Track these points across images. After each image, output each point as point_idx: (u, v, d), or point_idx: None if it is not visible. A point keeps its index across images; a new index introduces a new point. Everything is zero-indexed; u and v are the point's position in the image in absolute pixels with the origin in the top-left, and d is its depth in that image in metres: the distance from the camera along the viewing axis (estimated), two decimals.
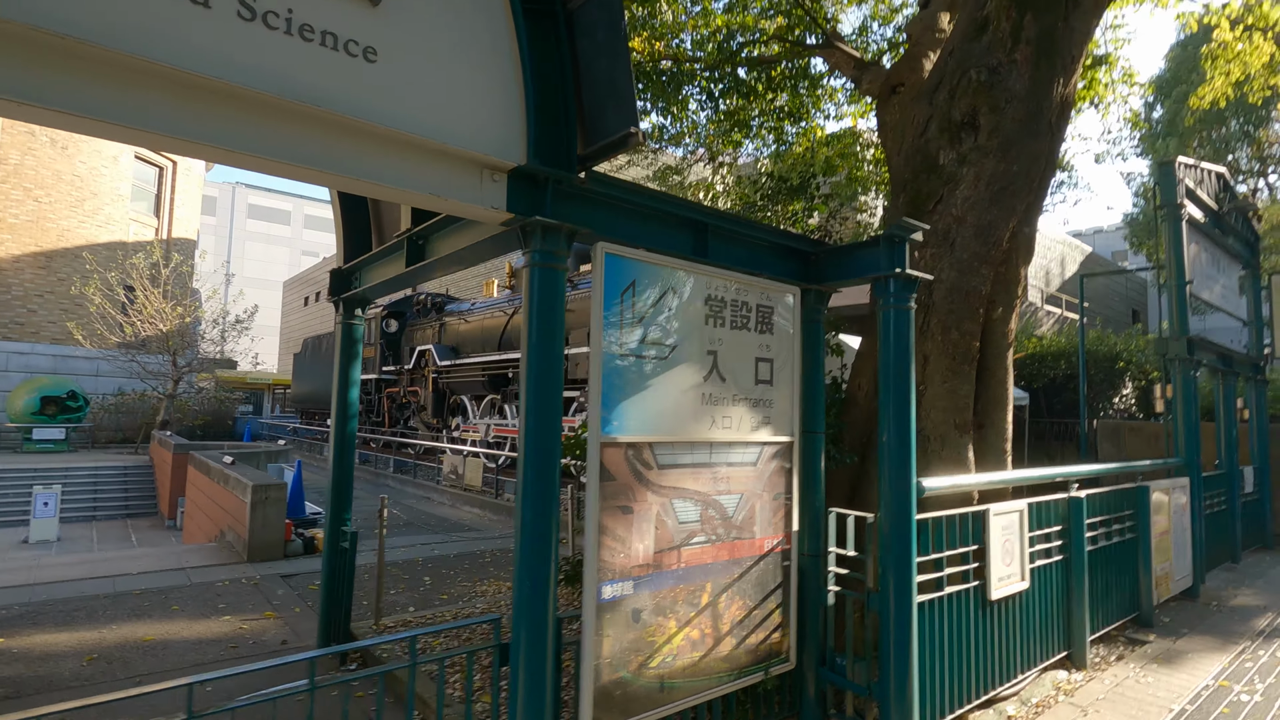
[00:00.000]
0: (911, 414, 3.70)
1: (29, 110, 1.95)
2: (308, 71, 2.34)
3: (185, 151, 2.29)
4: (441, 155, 2.70)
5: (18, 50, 1.90)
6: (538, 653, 2.81)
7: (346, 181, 2.53)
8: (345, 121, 2.43)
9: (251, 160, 2.34)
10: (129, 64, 2.04)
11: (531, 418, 2.87)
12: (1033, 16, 4.50)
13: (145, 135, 2.12)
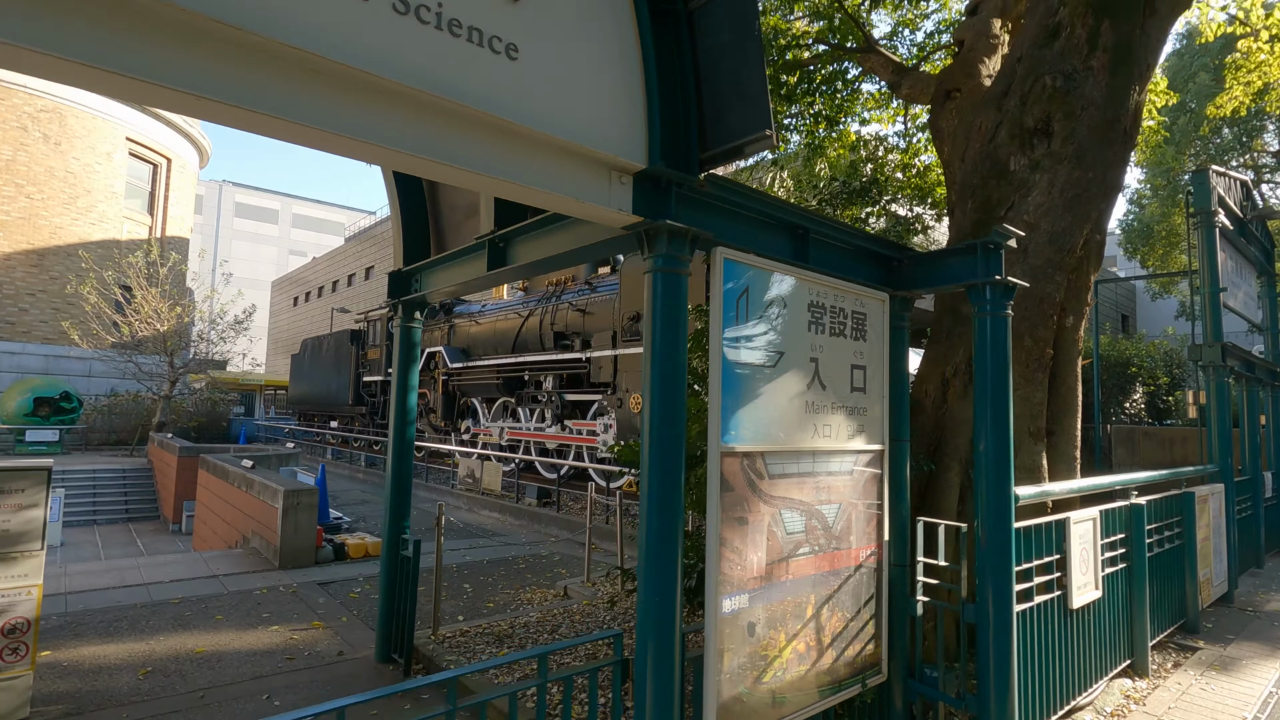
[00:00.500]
0: (1009, 424, 3.66)
1: (203, 104, 1.84)
2: (455, 68, 2.26)
3: (344, 150, 2.19)
4: (574, 156, 2.63)
5: (188, 40, 1.80)
6: (665, 668, 2.73)
7: (488, 181, 2.44)
8: (491, 120, 2.35)
9: (402, 158, 2.25)
10: (296, 58, 1.94)
11: (656, 424, 2.80)
12: (1110, 24, 4.49)
13: (313, 132, 2.02)
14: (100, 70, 1.66)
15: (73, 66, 1.64)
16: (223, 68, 1.85)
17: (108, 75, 1.69)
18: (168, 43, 1.76)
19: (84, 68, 1.65)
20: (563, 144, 2.54)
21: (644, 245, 2.88)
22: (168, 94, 1.78)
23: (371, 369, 18.29)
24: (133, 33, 1.71)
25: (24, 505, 3.83)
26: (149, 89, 1.75)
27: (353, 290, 45.86)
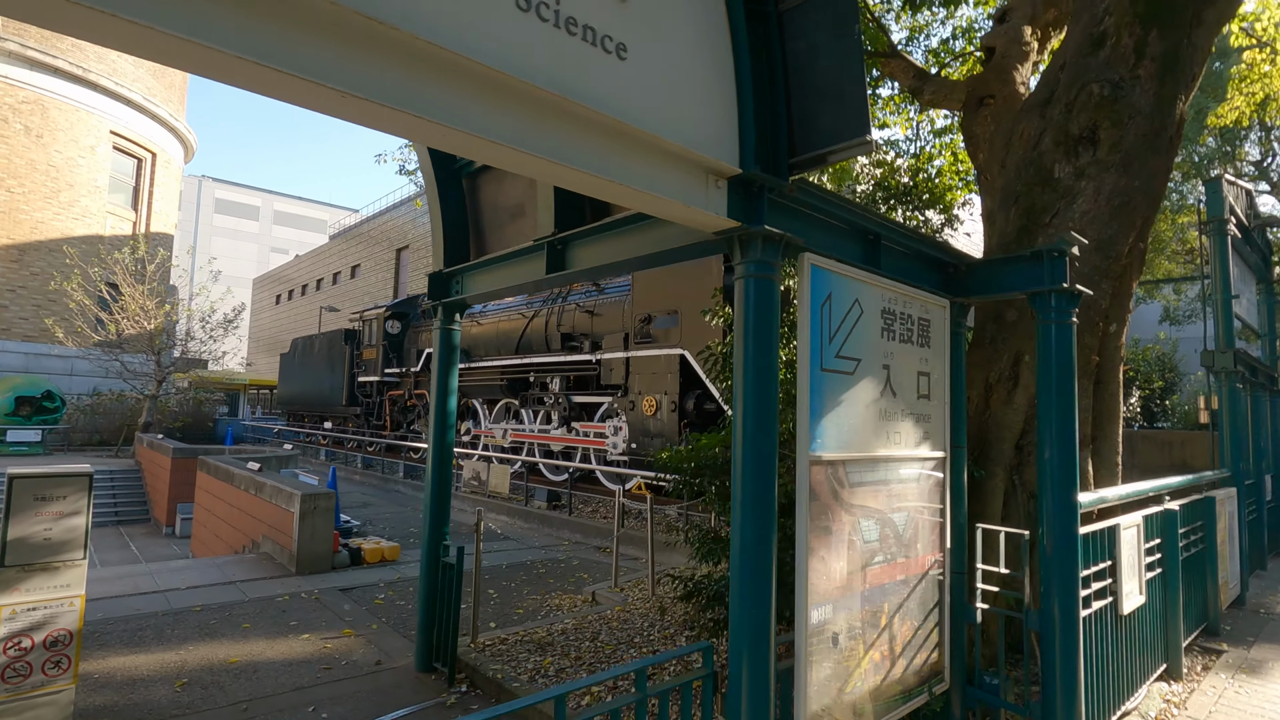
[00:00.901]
0: (1074, 431, 3.67)
1: (337, 97, 1.76)
2: (571, 67, 2.20)
3: (456, 145, 2.12)
4: (675, 158, 2.58)
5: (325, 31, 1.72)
6: (760, 681, 2.69)
7: (596, 182, 2.38)
8: (603, 120, 2.30)
9: (518, 156, 2.18)
10: (422, 50, 1.87)
11: (750, 432, 2.76)
12: (1158, 33, 4.52)
13: (434, 127, 1.93)
14: (234, 58, 1.55)
15: (209, 53, 1.54)
16: (357, 61, 1.77)
17: (241, 63, 1.58)
18: (305, 32, 1.67)
19: (227, 56, 1.55)
20: (667, 146, 2.49)
21: (736, 251, 2.84)
22: (299, 84, 1.68)
23: (367, 369, 18.04)
24: (272, 19, 1.62)
25: (65, 513, 3.69)
26: (281, 78, 1.66)
27: (338, 288, 45.29)
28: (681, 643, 4.88)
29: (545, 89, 2.11)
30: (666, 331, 10.20)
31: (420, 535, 9.63)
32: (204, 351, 20.58)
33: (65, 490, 3.70)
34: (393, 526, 10.30)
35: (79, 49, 23.16)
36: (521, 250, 4.19)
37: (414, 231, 36.91)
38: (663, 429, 9.70)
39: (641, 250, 3.52)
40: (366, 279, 41.81)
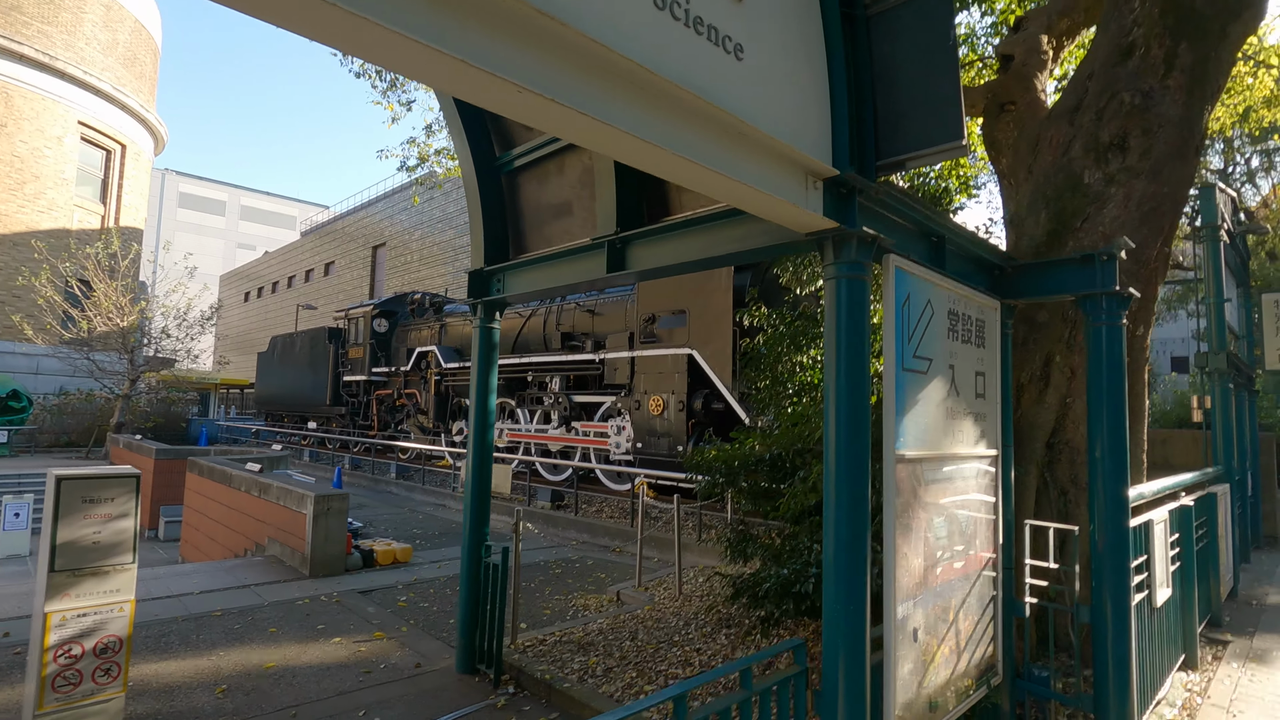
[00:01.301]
0: (1125, 430, 3.78)
1: (496, 83, 1.71)
2: (698, 64, 2.21)
3: (583, 135, 2.10)
4: (783, 158, 2.60)
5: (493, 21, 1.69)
6: (856, 679, 2.72)
7: (716, 178, 2.39)
8: (723, 117, 2.30)
9: (650, 151, 2.17)
10: (579, 46, 1.85)
11: (843, 433, 2.79)
12: (1188, 45, 4.68)
13: (577, 116, 1.91)
14: (404, 37, 1.50)
15: (392, 37, 1.49)
16: (523, 54, 1.75)
17: (426, 52, 1.54)
18: (471, 19, 1.64)
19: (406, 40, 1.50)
20: (777, 145, 2.51)
21: (829, 251, 2.87)
22: (462, 67, 1.64)
23: (354, 368, 17.71)
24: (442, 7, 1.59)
25: (114, 515, 3.58)
26: (450, 63, 1.61)
27: (311, 286, 44.43)
28: (722, 641, 4.90)
29: (679, 85, 2.12)
30: (671, 331, 10.22)
31: (425, 536, 9.52)
32: (179, 350, 20.00)
33: (113, 491, 3.58)
34: (394, 528, 10.14)
35: (45, 35, 22.36)
36: (578, 248, 4.17)
37: (391, 228, 36.40)
38: (669, 428, 9.71)
39: (711, 251, 3.54)
40: (341, 276, 41.09)
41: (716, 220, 3.49)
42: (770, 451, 4.73)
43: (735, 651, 4.73)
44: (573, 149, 4.46)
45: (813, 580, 4.05)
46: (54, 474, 3.47)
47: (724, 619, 5.37)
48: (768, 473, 5.23)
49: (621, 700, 4.07)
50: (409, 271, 34.31)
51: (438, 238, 32.34)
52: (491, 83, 1.66)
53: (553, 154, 4.60)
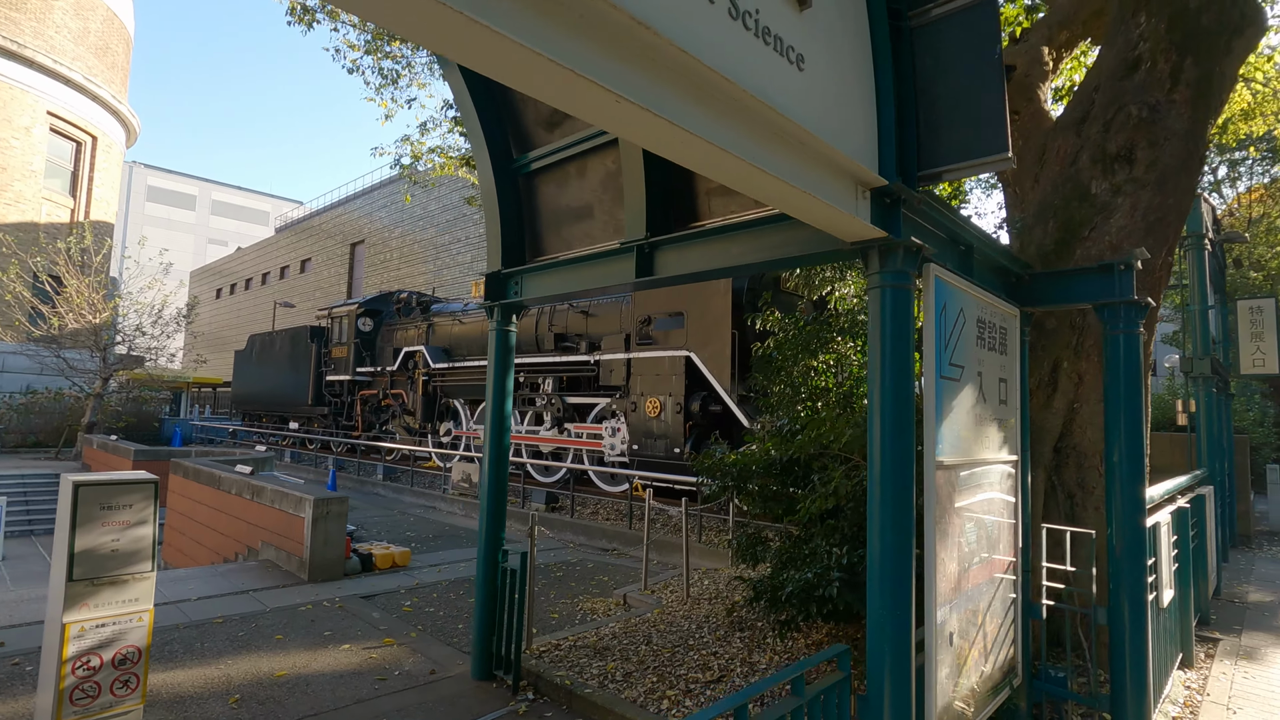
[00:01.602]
0: (1142, 436, 3.87)
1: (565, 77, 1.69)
2: (765, 73, 2.22)
3: (654, 138, 2.08)
4: (836, 166, 2.62)
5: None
6: (902, 683, 2.75)
7: (778, 186, 2.38)
8: (787, 125, 2.31)
9: (717, 155, 2.16)
10: (659, 49, 1.84)
11: (888, 439, 2.82)
12: (1193, 60, 4.81)
13: (650, 118, 1.88)
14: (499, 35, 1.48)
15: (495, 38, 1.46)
16: (616, 62, 1.74)
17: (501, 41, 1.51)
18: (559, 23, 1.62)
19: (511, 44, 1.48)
20: (833, 153, 2.52)
21: (874, 260, 2.89)
22: (570, 77, 1.62)
23: (337, 368, 17.43)
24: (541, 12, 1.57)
25: (132, 522, 3.48)
26: (562, 74, 1.59)
27: (286, 283, 43.67)
28: (737, 644, 4.92)
29: (752, 94, 2.12)
30: (667, 334, 10.23)
31: (420, 539, 9.41)
32: (155, 349, 19.51)
33: (131, 498, 3.49)
34: (386, 531, 10.01)
35: (12, 22, 21.68)
36: (605, 252, 4.16)
37: (370, 225, 35.94)
38: (667, 430, 9.72)
39: (744, 259, 3.54)
40: (318, 274, 40.45)
41: (752, 227, 3.50)
42: (786, 455, 4.76)
43: (752, 655, 4.75)
44: (595, 152, 4.45)
45: (836, 584, 4.08)
46: (70, 480, 3.36)
47: (737, 622, 5.40)
48: (778, 477, 5.26)
49: (645, 705, 4.06)
50: (389, 269, 33.90)
51: (419, 235, 32.01)
52: (594, 92, 1.64)
53: (573, 157, 4.58)
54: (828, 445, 4.44)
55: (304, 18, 9.05)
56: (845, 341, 5.33)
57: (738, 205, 3.76)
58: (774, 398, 5.46)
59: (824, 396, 5.31)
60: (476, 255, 28.26)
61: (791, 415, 5.29)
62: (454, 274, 29.24)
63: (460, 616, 5.91)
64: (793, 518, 4.70)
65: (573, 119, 4.51)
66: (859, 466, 4.61)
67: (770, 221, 3.43)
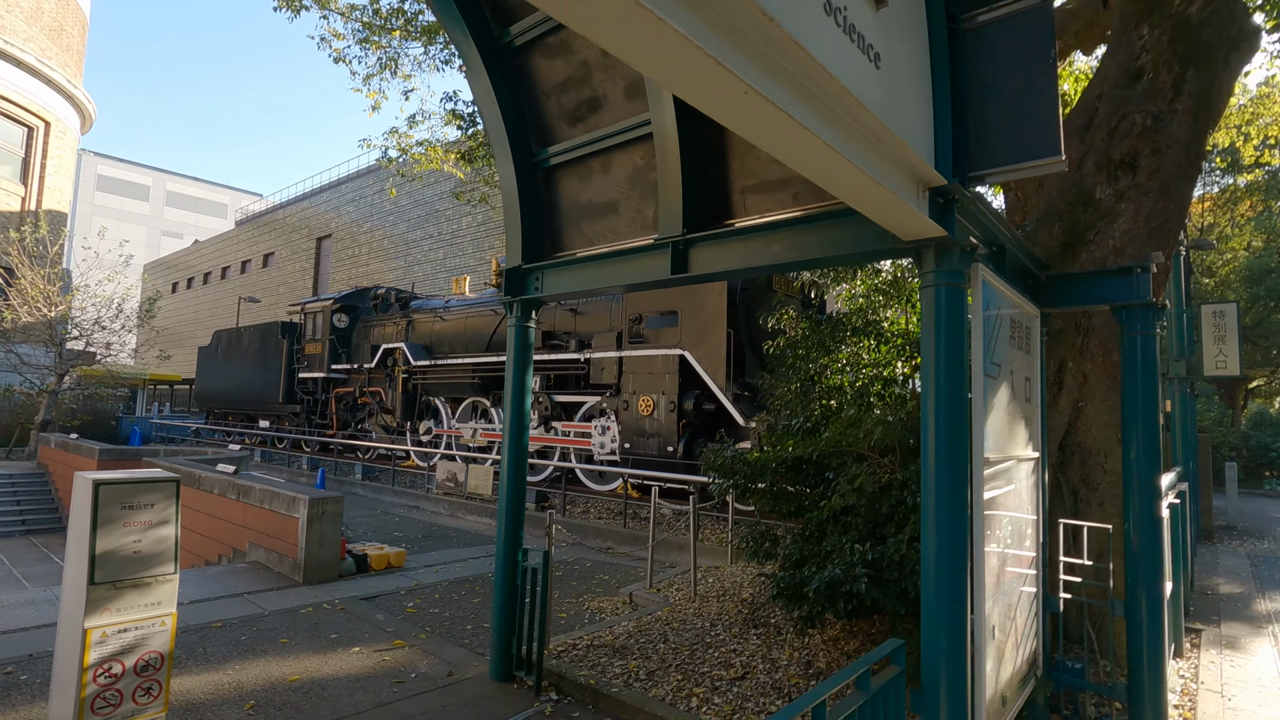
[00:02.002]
0: (1158, 434, 3.99)
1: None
2: (851, 69, 2.22)
3: (751, 123, 2.06)
4: (903, 164, 2.64)
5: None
6: (958, 678, 2.79)
7: (858, 179, 2.38)
8: (871, 122, 2.32)
9: (824, 154, 2.16)
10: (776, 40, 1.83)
11: (943, 439, 2.86)
12: (1195, 72, 4.98)
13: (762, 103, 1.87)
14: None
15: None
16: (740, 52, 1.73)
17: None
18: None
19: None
20: (905, 151, 2.53)
21: (930, 259, 2.93)
22: (711, 65, 1.60)
23: (311, 365, 16.98)
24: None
25: (154, 522, 3.33)
26: (705, 62, 1.57)
27: (248, 278, 42.46)
28: (755, 641, 4.94)
29: (846, 87, 2.12)
30: (659, 332, 10.23)
31: (409, 540, 9.24)
32: (114, 344, 18.76)
33: (153, 497, 3.34)
34: (372, 531, 9.80)
35: None
36: (637, 249, 4.13)
37: (337, 220, 35.15)
38: (660, 429, 9.72)
39: (784, 257, 3.55)
40: (281, 269, 39.40)
41: (794, 226, 3.51)
42: (812, 453, 4.79)
43: (771, 651, 4.77)
44: (622, 148, 4.41)
45: (864, 580, 4.13)
46: (90, 479, 3.20)
47: (750, 619, 5.42)
48: (787, 475, 5.30)
49: (674, 704, 4.05)
50: (357, 265, 33.20)
51: (389, 231, 31.42)
52: (729, 82, 1.63)
53: (597, 153, 4.54)
54: (856, 443, 4.48)
55: (291, 3, 8.79)
56: (858, 339, 5.40)
57: (774, 203, 3.77)
58: (787, 395, 5.50)
59: (837, 395, 5.37)
60: (449, 252, 27.87)
61: (806, 413, 5.34)
62: (425, 270, 28.78)
63: (467, 617, 5.81)
64: (812, 515, 4.73)
65: (598, 114, 4.48)
66: (879, 465, 4.66)
67: (816, 219, 3.45)
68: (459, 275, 19.79)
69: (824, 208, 3.49)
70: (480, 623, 5.68)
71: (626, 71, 4.23)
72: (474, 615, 5.88)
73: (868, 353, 5.41)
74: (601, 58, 4.29)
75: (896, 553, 4.24)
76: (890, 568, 4.23)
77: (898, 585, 4.20)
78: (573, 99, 4.57)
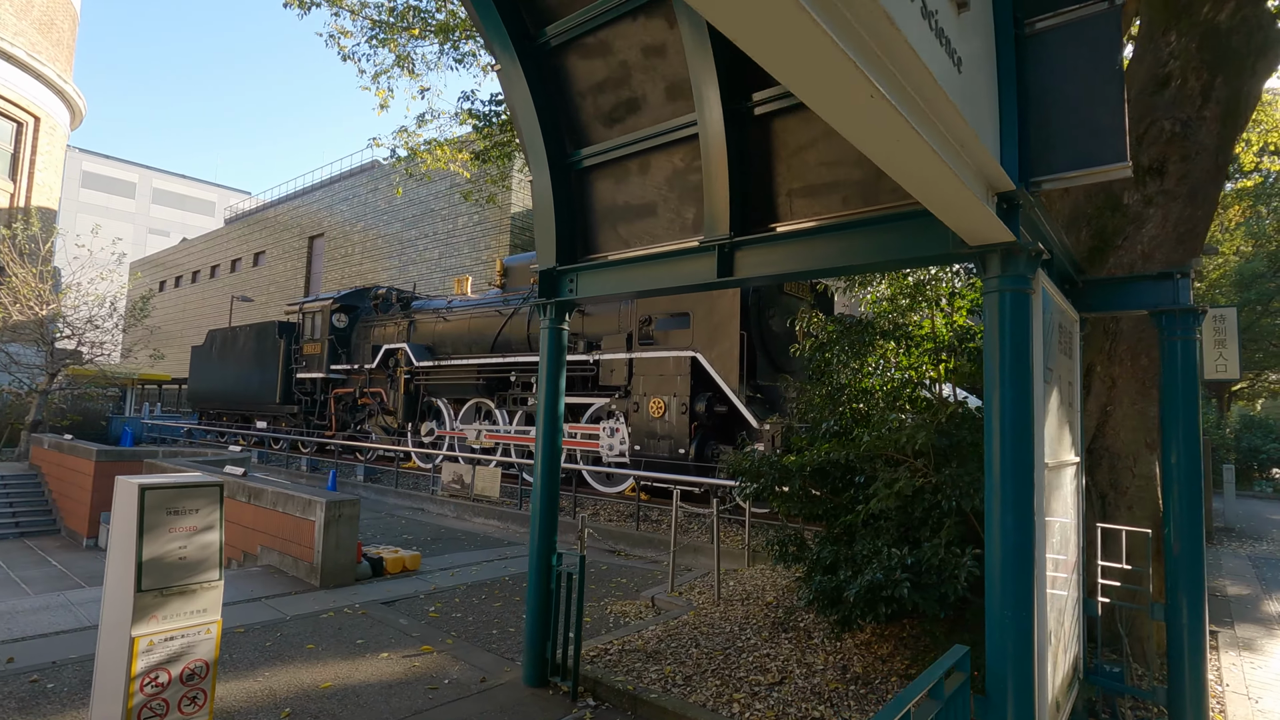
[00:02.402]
0: (1199, 439, 4.01)
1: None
2: (941, 71, 2.20)
3: (876, 138, 2.05)
4: (978, 167, 2.63)
5: None
6: (1024, 683, 2.78)
7: (949, 184, 2.38)
8: (958, 125, 2.31)
9: (919, 151, 2.14)
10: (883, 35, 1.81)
11: (1009, 444, 2.86)
12: (1224, 79, 5.02)
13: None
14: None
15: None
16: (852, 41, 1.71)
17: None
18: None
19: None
20: (985, 154, 2.53)
21: (995, 264, 2.92)
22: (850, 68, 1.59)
23: (310, 365, 16.81)
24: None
25: (199, 528, 3.27)
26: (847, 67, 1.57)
27: (238, 276, 42.03)
28: (787, 646, 4.93)
29: (944, 89, 2.11)
30: (668, 334, 10.21)
31: (418, 543, 9.15)
32: (108, 344, 18.49)
33: (198, 502, 3.28)
34: (380, 534, 9.71)
35: None
36: (679, 251, 4.10)
37: (330, 219, 34.87)
38: (671, 431, 9.70)
39: (834, 261, 3.54)
40: (272, 268, 39.03)
41: (848, 229, 3.50)
42: (843, 457, 4.78)
43: (805, 656, 4.76)
44: (661, 150, 4.38)
45: (906, 585, 4.12)
46: (135, 483, 3.13)
47: (778, 622, 5.40)
48: (813, 479, 5.29)
49: (715, 710, 4.03)
50: (350, 264, 32.95)
51: (383, 230, 31.21)
52: (859, 85, 1.61)
53: (635, 154, 4.51)
54: (899, 447, 4.48)
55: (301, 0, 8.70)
56: (886, 343, 5.39)
57: (821, 207, 3.76)
58: (815, 399, 5.49)
59: (866, 398, 5.36)
60: (445, 251, 27.72)
61: (836, 417, 5.33)
62: (420, 270, 28.59)
63: (491, 622, 5.76)
64: (846, 518, 4.72)
65: (636, 115, 4.44)
66: (914, 469, 4.66)
67: (870, 223, 3.43)
68: (456, 275, 19.67)
69: (876, 211, 3.48)
70: (505, 627, 5.63)
71: (668, 72, 4.20)
72: (497, 620, 5.83)
73: (896, 356, 5.42)
74: (642, 58, 4.26)
75: (934, 557, 4.23)
76: (929, 571, 4.22)
77: (937, 589, 4.19)
78: (610, 100, 4.53)
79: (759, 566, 7.37)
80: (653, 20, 4.07)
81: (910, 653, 4.70)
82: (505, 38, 4.46)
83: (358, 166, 35.47)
